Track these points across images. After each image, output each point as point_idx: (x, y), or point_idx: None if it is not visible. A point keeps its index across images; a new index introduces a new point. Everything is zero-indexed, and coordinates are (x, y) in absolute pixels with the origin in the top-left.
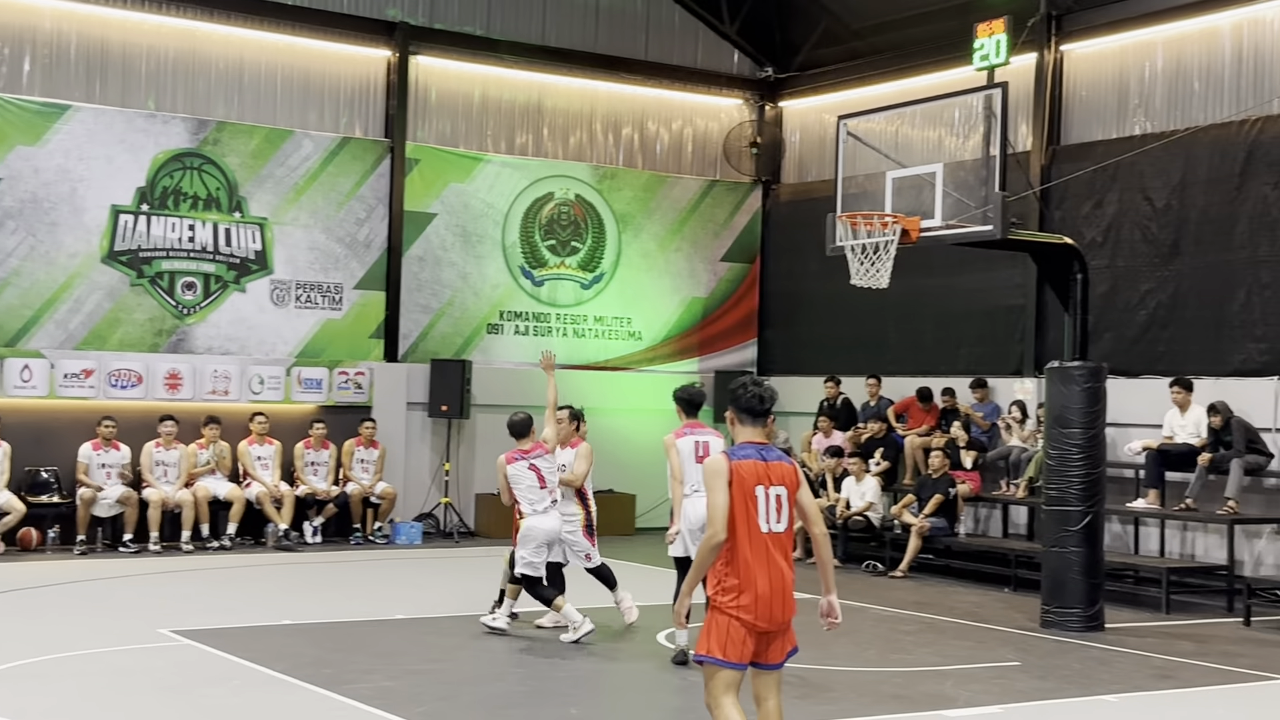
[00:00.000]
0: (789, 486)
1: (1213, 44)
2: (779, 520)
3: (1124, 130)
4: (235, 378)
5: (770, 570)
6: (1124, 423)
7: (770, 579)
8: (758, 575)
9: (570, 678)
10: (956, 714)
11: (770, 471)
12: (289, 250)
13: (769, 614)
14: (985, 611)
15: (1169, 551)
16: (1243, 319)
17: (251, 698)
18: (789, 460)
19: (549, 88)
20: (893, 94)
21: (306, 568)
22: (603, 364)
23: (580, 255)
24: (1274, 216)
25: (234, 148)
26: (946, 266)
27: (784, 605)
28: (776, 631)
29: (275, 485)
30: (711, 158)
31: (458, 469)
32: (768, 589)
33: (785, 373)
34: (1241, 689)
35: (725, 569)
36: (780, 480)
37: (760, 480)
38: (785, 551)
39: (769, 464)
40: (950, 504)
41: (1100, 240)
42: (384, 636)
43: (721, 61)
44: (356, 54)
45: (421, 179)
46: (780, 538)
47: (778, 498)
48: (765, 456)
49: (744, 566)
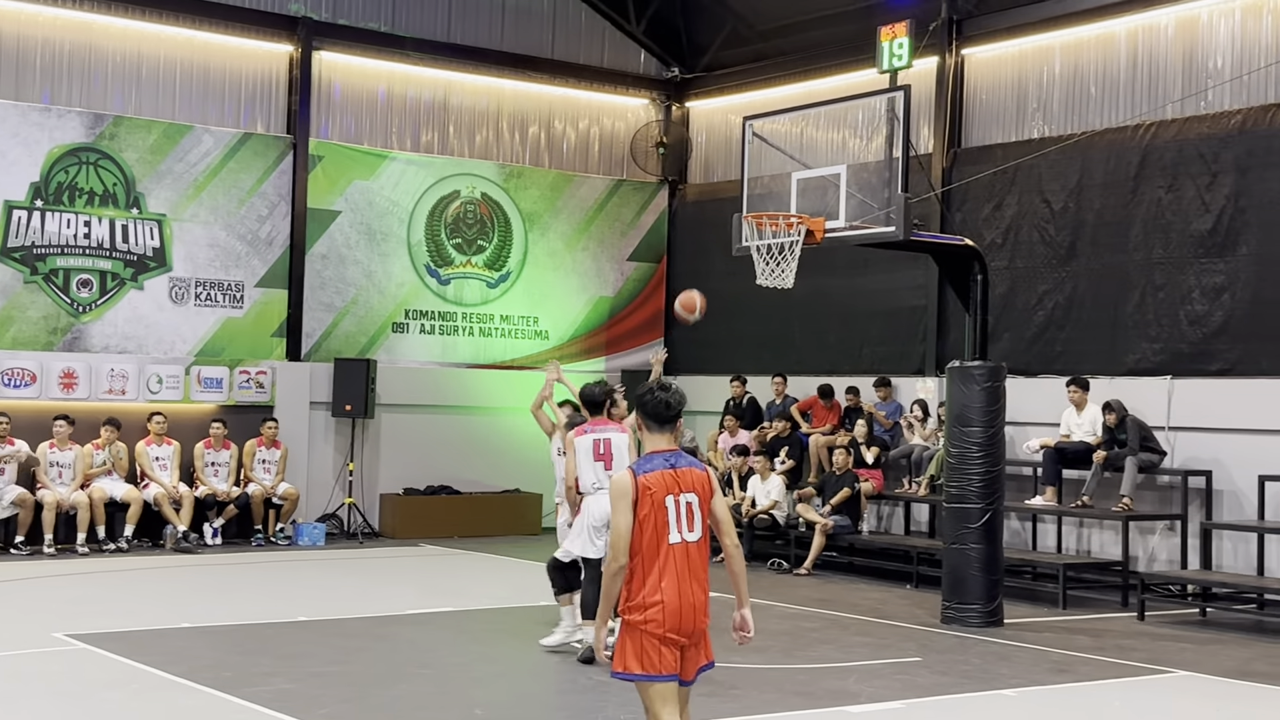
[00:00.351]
0: (700, 494)
1: (1109, 50)
2: (691, 529)
3: (1023, 134)
4: (133, 377)
5: (680, 582)
6: (1022, 421)
7: (680, 591)
8: (667, 588)
9: (476, 679)
10: (859, 710)
11: (680, 479)
12: (188, 247)
13: (679, 625)
14: (888, 608)
15: (1066, 548)
16: (1137, 320)
17: (149, 702)
18: (701, 467)
19: (455, 85)
20: (798, 96)
21: (206, 570)
22: (509, 363)
23: (486, 254)
24: (1167, 220)
25: (131, 143)
26: (850, 267)
27: (695, 616)
28: (690, 644)
29: (174, 486)
30: (618, 157)
31: (362, 469)
32: (677, 601)
33: (691, 372)
34: (1136, 682)
35: (634, 585)
36: (691, 487)
37: (669, 490)
38: (699, 561)
39: (678, 471)
40: (854, 502)
41: (1000, 242)
42: (286, 639)
43: (628, 61)
44: (258, 49)
45: (325, 176)
46: (693, 547)
47: (689, 505)
48: (675, 464)
49: (653, 581)
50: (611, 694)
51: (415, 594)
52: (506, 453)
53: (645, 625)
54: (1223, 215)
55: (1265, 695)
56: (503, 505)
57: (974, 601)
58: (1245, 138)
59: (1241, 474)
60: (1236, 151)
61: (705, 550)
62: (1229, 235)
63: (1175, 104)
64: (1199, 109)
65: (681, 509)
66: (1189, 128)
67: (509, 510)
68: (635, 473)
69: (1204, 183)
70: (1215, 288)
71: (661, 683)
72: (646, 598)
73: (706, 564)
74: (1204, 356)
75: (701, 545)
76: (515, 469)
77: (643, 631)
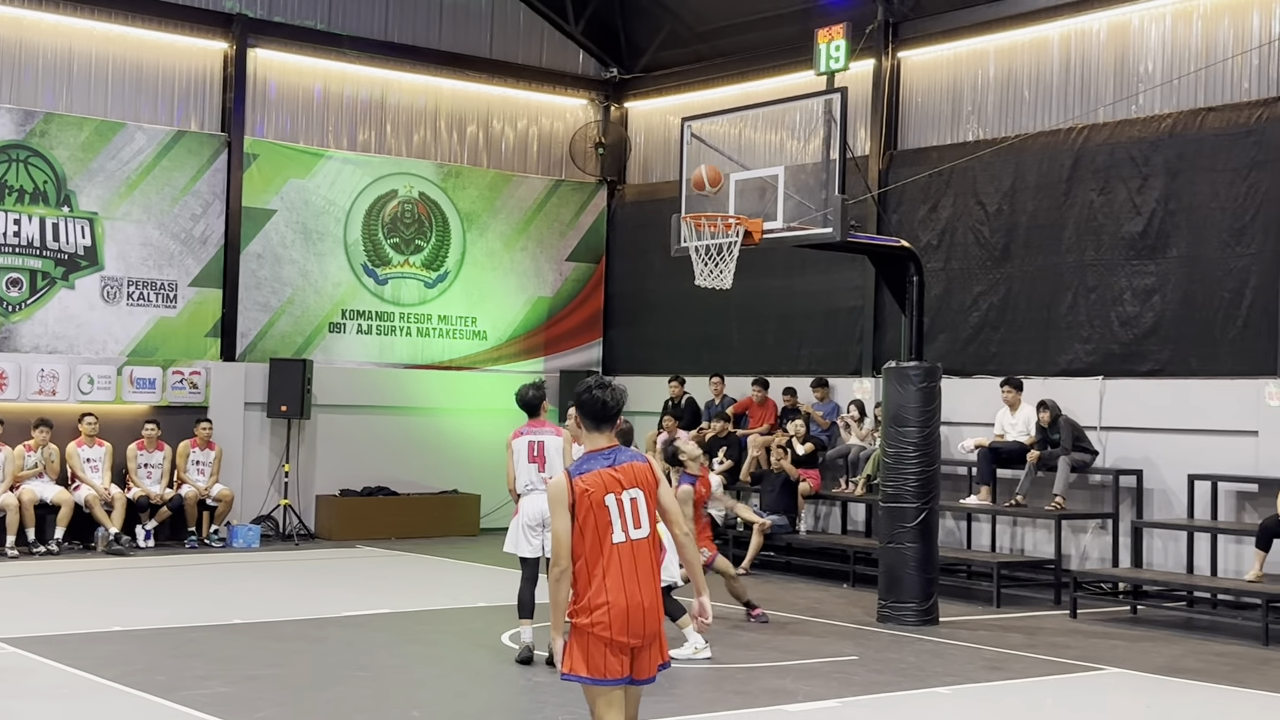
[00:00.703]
0: (645, 487)
1: (1042, 54)
2: (638, 526)
3: (958, 136)
4: (64, 377)
5: (627, 582)
6: (957, 421)
7: (628, 592)
8: (612, 589)
9: (414, 681)
10: (796, 709)
11: (621, 476)
12: (121, 246)
13: (626, 627)
14: (825, 607)
15: (1000, 546)
16: (1070, 321)
17: (81, 707)
18: (643, 459)
19: (392, 84)
20: (736, 97)
21: (139, 572)
22: (447, 364)
23: (424, 254)
24: (1099, 222)
25: (63, 140)
26: (788, 268)
27: (645, 617)
28: (643, 645)
29: (106, 488)
30: (557, 157)
31: (297, 470)
32: (624, 602)
33: (630, 372)
34: (1068, 679)
35: (579, 588)
36: (634, 483)
37: (610, 489)
38: (648, 559)
39: (619, 468)
40: (792, 502)
41: (935, 243)
42: (220, 642)
43: (567, 61)
44: (192, 45)
45: (260, 174)
46: (641, 544)
47: (633, 502)
48: (615, 461)
49: (598, 582)
50: (550, 694)
51: (352, 596)
52: (444, 453)
53: (593, 629)
54: (1153, 218)
55: (1194, 691)
56: (440, 506)
57: (910, 600)
58: (1175, 141)
59: (1171, 473)
60: (1167, 155)
61: (655, 547)
62: (1159, 237)
63: (1107, 108)
64: (1130, 113)
65: (625, 507)
66: (1120, 131)
67: (447, 511)
68: (571, 475)
69: (1135, 185)
70: (1146, 289)
71: (610, 686)
72: (592, 599)
73: (658, 561)
74: (1135, 357)
75: (651, 542)
76: (453, 470)
77: (590, 635)
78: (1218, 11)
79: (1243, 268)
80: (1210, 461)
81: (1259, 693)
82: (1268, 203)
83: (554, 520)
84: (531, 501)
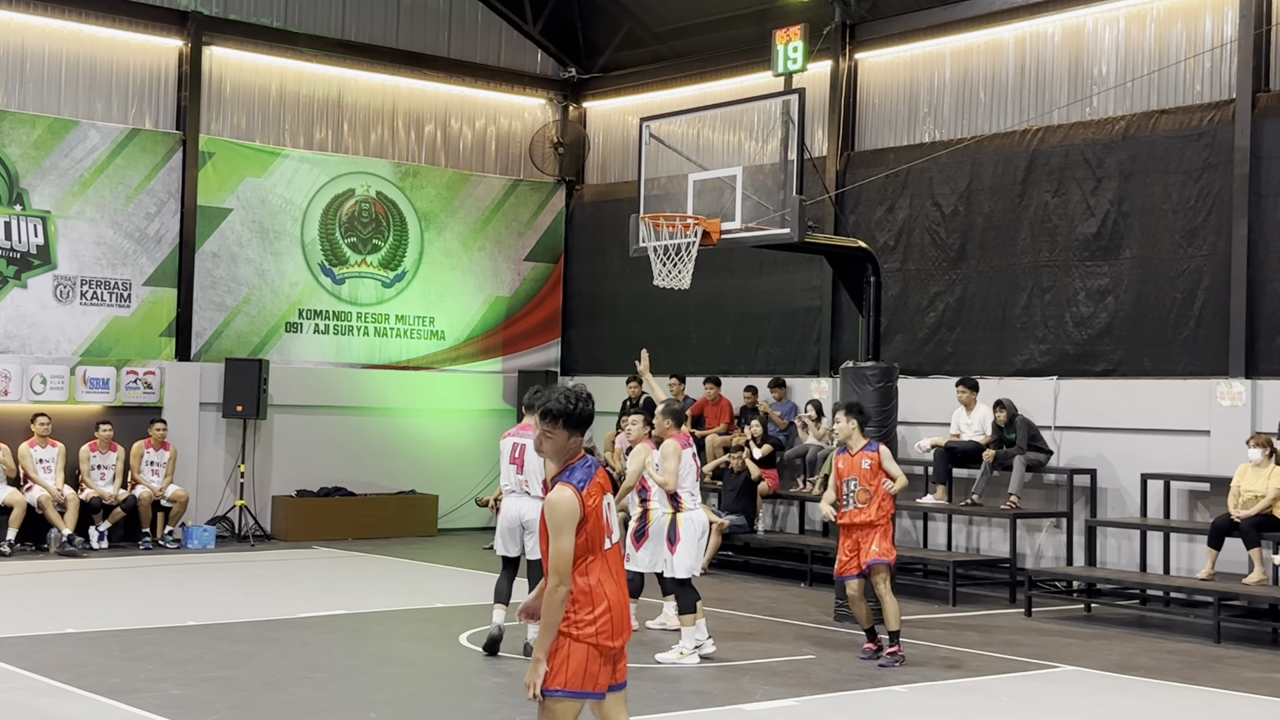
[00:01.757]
0: (609, 492)
1: (998, 56)
2: (614, 531)
3: (914, 138)
4: (15, 377)
5: (617, 584)
6: (914, 421)
7: (619, 593)
8: (609, 591)
9: (370, 682)
10: (754, 708)
11: (604, 482)
12: (74, 245)
13: (614, 630)
14: (782, 606)
15: (956, 545)
16: (1025, 321)
17: (33, 710)
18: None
19: (349, 82)
20: (694, 97)
21: (92, 574)
22: (405, 363)
23: (382, 253)
24: (1054, 223)
25: (15, 137)
26: (746, 268)
27: (625, 615)
28: (621, 647)
29: (58, 489)
30: (515, 157)
31: (253, 471)
32: (618, 602)
33: (588, 372)
34: (1024, 677)
35: (582, 596)
36: (608, 487)
37: (605, 493)
38: (620, 561)
39: (599, 474)
40: (750, 502)
41: (892, 244)
42: (174, 644)
43: (525, 61)
44: (146, 43)
45: (216, 173)
46: (618, 547)
47: (609, 506)
48: (594, 467)
49: (597, 589)
50: (508, 695)
51: (308, 597)
52: (401, 454)
53: (596, 638)
54: (1107, 219)
55: (1148, 689)
56: (398, 507)
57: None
58: (1129, 143)
59: (1125, 472)
60: (1120, 157)
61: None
62: (1113, 239)
63: (1061, 110)
64: (1084, 115)
65: (611, 514)
66: (1075, 133)
67: (404, 512)
68: (579, 489)
69: (1089, 187)
70: (1099, 290)
71: (592, 699)
72: (594, 606)
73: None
74: (1089, 357)
75: (620, 544)
76: (410, 470)
77: (589, 645)
78: (1171, 15)
79: (1195, 269)
80: (1163, 461)
81: (1211, 690)
82: (1220, 204)
83: (559, 540)
84: (510, 504)
